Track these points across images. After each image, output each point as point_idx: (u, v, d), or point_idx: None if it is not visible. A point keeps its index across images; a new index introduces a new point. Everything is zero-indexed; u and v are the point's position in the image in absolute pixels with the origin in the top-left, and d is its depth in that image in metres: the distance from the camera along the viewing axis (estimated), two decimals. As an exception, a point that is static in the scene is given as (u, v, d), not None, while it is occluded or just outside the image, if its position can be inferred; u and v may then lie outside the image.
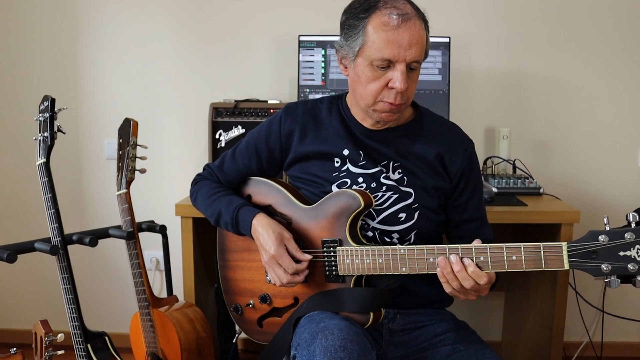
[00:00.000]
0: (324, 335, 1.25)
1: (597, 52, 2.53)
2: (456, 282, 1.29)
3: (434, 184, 1.51)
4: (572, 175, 2.60)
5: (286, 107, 1.62)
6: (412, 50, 1.37)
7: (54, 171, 2.63)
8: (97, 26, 2.59)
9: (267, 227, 1.46)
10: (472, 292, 1.31)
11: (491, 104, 2.59)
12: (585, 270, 1.17)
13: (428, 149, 1.52)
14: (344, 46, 1.46)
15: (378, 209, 1.49)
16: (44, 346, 1.53)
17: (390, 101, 1.41)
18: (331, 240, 1.45)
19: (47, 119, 1.72)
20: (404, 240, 1.50)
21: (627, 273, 1.14)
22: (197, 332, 1.80)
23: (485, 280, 1.27)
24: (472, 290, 1.30)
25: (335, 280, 1.46)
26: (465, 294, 1.32)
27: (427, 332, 1.52)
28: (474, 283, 1.27)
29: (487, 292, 1.33)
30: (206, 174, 1.72)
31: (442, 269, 1.30)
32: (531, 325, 2.29)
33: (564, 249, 1.19)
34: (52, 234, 1.71)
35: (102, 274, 2.74)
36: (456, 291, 1.32)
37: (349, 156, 1.52)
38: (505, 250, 1.24)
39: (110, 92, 2.64)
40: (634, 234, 1.13)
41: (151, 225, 2.01)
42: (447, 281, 1.31)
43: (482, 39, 2.55)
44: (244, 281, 1.64)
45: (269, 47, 2.56)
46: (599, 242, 1.15)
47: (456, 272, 1.28)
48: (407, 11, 1.38)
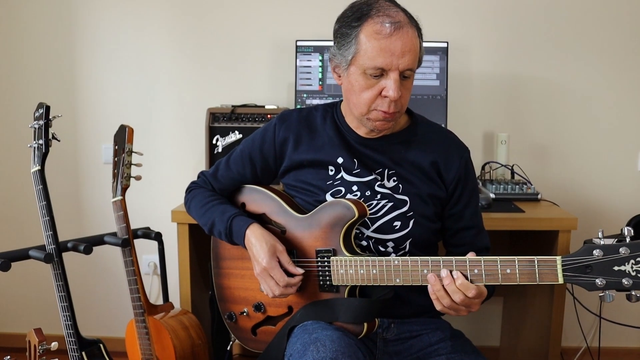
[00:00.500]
0: (316, 347, 1.24)
1: (596, 57, 2.52)
2: (447, 298, 1.28)
3: (429, 192, 1.51)
4: (570, 180, 2.59)
5: (280, 114, 1.62)
6: (405, 58, 1.36)
7: (51, 176, 2.63)
8: (94, 31, 2.59)
9: (261, 239, 1.45)
10: (462, 307, 1.30)
11: (490, 109, 2.58)
12: (580, 285, 1.16)
13: (423, 157, 1.52)
14: (337, 55, 1.45)
15: (373, 218, 1.49)
16: (37, 354, 1.53)
17: (384, 110, 1.40)
18: (325, 250, 1.44)
19: (42, 126, 1.71)
20: (399, 248, 1.49)
21: (622, 288, 1.13)
22: (192, 340, 1.79)
23: (473, 292, 1.25)
24: (462, 304, 1.28)
25: (329, 290, 1.45)
26: (456, 310, 1.31)
27: (421, 341, 1.52)
28: (463, 296, 1.26)
29: (477, 307, 1.31)
30: (200, 181, 1.71)
31: (432, 285, 1.29)
32: (529, 331, 2.29)
33: (558, 263, 1.18)
34: (47, 242, 1.70)
35: (99, 278, 2.74)
36: (447, 308, 1.31)
37: (343, 164, 1.52)
38: (500, 263, 1.23)
39: (108, 97, 2.64)
40: (629, 249, 1.12)
41: (147, 232, 2.01)
42: (438, 298, 1.30)
43: (481, 44, 2.54)
44: (238, 289, 1.63)
45: (267, 52, 2.55)
46: (594, 256, 1.14)
47: (445, 285, 1.27)
48: (399, 19, 1.37)
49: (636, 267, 1.12)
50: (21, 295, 2.81)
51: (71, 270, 2.61)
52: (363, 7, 1.41)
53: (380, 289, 1.43)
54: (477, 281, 1.26)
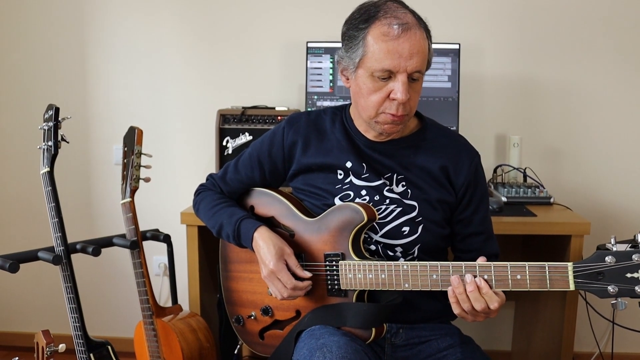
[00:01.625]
0: (322, 353, 1.23)
1: (611, 58, 2.49)
2: (467, 303, 1.26)
3: (439, 197, 1.49)
4: (584, 184, 2.55)
5: (289, 118, 1.61)
6: (413, 60, 1.34)
7: (63, 177, 2.65)
8: (106, 33, 2.60)
9: (268, 241, 1.45)
10: (481, 314, 1.29)
11: (503, 112, 2.55)
12: (591, 292, 1.14)
13: (432, 161, 1.50)
14: (345, 57, 1.44)
15: (381, 222, 1.47)
16: (45, 356, 1.53)
17: (392, 112, 1.39)
18: (334, 254, 1.43)
19: (51, 128, 1.71)
20: (408, 254, 1.48)
21: (635, 295, 1.11)
22: (200, 343, 1.79)
23: (496, 305, 1.25)
24: (482, 312, 1.27)
25: (337, 295, 1.44)
26: (474, 315, 1.30)
27: (430, 347, 1.50)
28: (485, 305, 1.25)
29: (496, 314, 1.31)
30: (209, 184, 1.71)
31: (455, 288, 1.27)
32: (541, 335, 2.26)
33: (569, 270, 1.16)
34: (56, 243, 1.71)
35: (109, 280, 2.75)
36: (465, 312, 1.29)
37: (352, 168, 1.50)
38: (510, 269, 1.22)
39: (119, 98, 2.64)
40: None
41: (155, 234, 2.01)
42: (458, 302, 1.28)
43: (494, 46, 2.51)
44: (246, 292, 1.62)
45: (278, 54, 2.54)
46: (606, 263, 1.12)
47: (469, 291, 1.26)
48: (407, 21, 1.35)
49: (649, 274, 1.10)
50: (30, 296, 2.83)
51: (81, 272, 2.62)
52: (371, 9, 1.40)
53: (389, 293, 1.41)
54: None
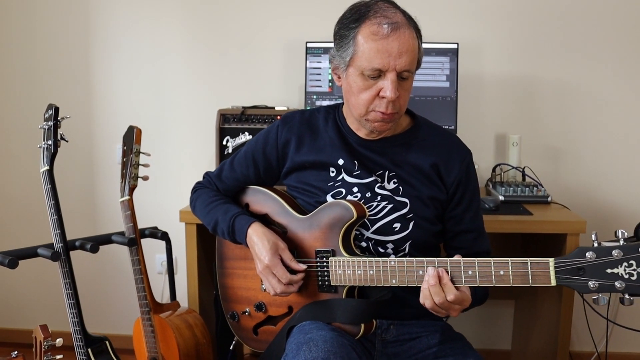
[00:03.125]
0: (308, 347, 1.25)
1: (610, 58, 2.48)
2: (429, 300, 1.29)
3: (430, 194, 1.50)
4: (584, 183, 2.55)
5: (283, 116, 1.63)
6: (402, 59, 1.36)
7: (67, 175, 2.69)
8: (109, 33, 2.64)
9: (262, 237, 1.47)
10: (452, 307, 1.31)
11: (503, 111, 2.56)
12: (572, 287, 1.15)
13: (423, 159, 1.51)
14: (336, 56, 1.46)
15: (372, 219, 1.49)
16: (42, 350, 1.56)
17: (382, 110, 1.41)
18: (324, 251, 1.45)
19: (51, 127, 1.75)
20: (399, 250, 1.49)
21: (614, 291, 1.12)
22: (197, 339, 1.82)
23: (452, 297, 1.26)
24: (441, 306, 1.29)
25: (327, 291, 1.46)
26: (446, 309, 1.31)
27: (420, 343, 1.51)
28: (444, 298, 1.27)
29: (456, 313, 1.32)
30: (205, 182, 1.73)
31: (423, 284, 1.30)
32: (538, 334, 2.26)
33: (550, 265, 1.17)
34: (55, 240, 1.74)
35: (109, 277, 2.79)
36: (437, 307, 1.31)
37: (343, 166, 1.52)
38: (493, 264, 1.23)
39: (122, 98, 2.68)
40: (622, 251, 1.11)
41: (154, 231, 2.04)
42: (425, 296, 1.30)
43: (493, 45, 2.52)
44: (240, 289, 1.65)
45: (278, 54, 2.57)
46: (586, 258, 1.13)
47: (430, 285, 1.28)
48: (396, 20, 1.37)
49: (629, 269, 1.10)
50: (31, 293, 2.87)
51: (83, 270, 2.67)
52: (362, 8, 1.42)
53: (379, 290, 1.43)
54: (471, 282, 1.26)
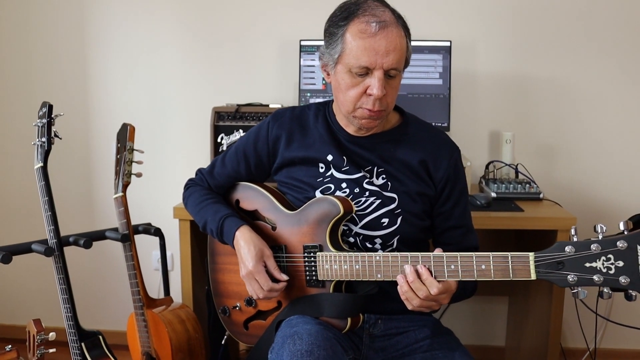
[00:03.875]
0: (293, 340, 1.27)
1: (605, 55, 2.49)
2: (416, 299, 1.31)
3: (418, 190, 1.52)
4: (577, 180, 2.56)
5: (274, 113, 1.65)
6: (390, 57, 1.38)
7: (64, 172, 2.72)
8: (106, 32, 2.65)
9: (249, 242, 1.49)
10: (432, 303, 1.33)
11: (497, 108, 2.57)
12: (552, 281, 1.16)
13: (412, 155, 1.53)
14: (325, 53, 1.48)
15: (361, 214, 1.51)
16: (36, 344, 1.59)
17: (369, 108, 1.42)
18: (312, 246, 1.47)
19: (45, 124, 1.77)
20: (387, 245, 1.51)
21: (593, 284, 1.13)
22: (189, 333, 1.84)
23: (435, 291, 1.28)
24: (426, 299, 1.31)
25: (315, 285, 1.48)
26: (427, 307, 1.34)
27: (407, 338, 1.53)
28: (427, 292, 1.29)
29: (447, 300, 1.34)
30: (197, 179, 1.75)
31: (401, 287, 1.32)
32: (531, 331, 2.28)
33: (531, 259, 1.18)
34: (49, 236, 1.76)
35: (105, 272, 2.81)
36: (418, 307, 1.33)
37: (332, 162, 1.54)
38: (475, 259, 1.24)
39: (118, 96, 2.70)
40: (600, 246, 1.12)
41: (147, 227, 2.06)
42: (407, 299, 1.32)
43: (487, 43, 2.53)
44: (231, 284, 1.67)
45: (273, 52, 2.58)
46: (566, 253, 1.15)
47: (410, 282, 1.30)
48: (385, 18, 1.38)
49: (607, 263, 1.12)
50: (26, 288, 2.90)
51: (79, 265, 2.71)
52: (351, 6, 1.44)
53: (366, 284, 1.45)
54: (453, 277, 1.28)
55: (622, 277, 1.11)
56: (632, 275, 1.10)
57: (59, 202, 2.69)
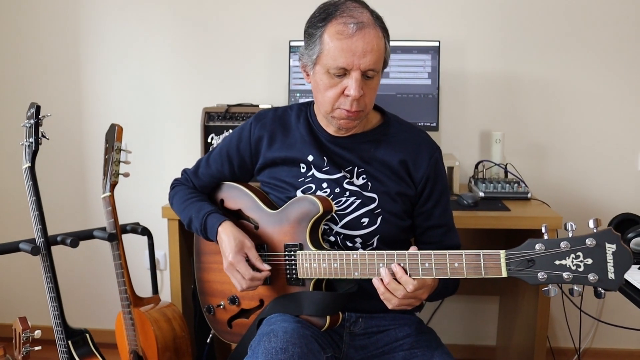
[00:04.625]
0: (268, 338, 1.29)
1: (594, 54, 2.50)
2: (394, 299, 1.32)
3: (398, 190, 1.53)
4: (567, 180, 2.57)
5: (257, 114, 1.66)
6: (367, 58, 1.39)
7: (59, 172, 2.74)
8: (99, 34, 2.68)
9: (230, 235, 1.50)
10: (411, 300, 1.34)
11: (486, 108, 2.57)
12: (523, 279, 1.17)
13: (392, 155, 1.54)
14: (304, 54, 1.49)
15: (341, 214, 1.52)
16: (21, 342, 1.61)
17: (347, 108, 1.43)
18: (292, 245, 1.49)
19: (32, 125, 1.79)
20: (367, 245, 1.52)
21: (562, 282, 1.14)
22: (175, 332, 1.85)
23: (411, 287, 1.29)
24: (405, 298, 1.31)
25: (295, 284, 1.49)
26: (407, 304, 1.35)
27: (387, 336, 1.54)
28: (405, 291, 1.30)
29: (425, 295, 1.36)
30: (182, 179, 1.77)
31: (377, 288, 1.34)
32: (519, 330, 2.28)
33: (502, 257, 1.19)
34: (37, 235, 1.78)
35: (95, 271, 2.84)
36: (398, 306, 1.34)
37: (313, 162, 1.55)
38: (448, 257, 1.25)
39: (110, 96, 2.72)
40: (570, 243, 1.13)
41: (135, 227, 2.08)
42: (386, 299, 1.34)
43: (477, 42, 2.53)
44: (215, 282, 1.68)
45: (263, 53, 2.60)
46: (536, 250, 1.16)
47: (386, 284, 1.31)
48: (362, 20, 1.39)
49: (576, 261, 1.13)
50: (15, 287, 2.92)
51: (71, 264, 2.74)
52: (330, 8, 1.45)
53: (346, 283, 1.46)
54: (427, 275, 1.29)
55: (591, 275, 1.11)
56: (600, 273, 1.11)
57: (53, 201, 2.75)
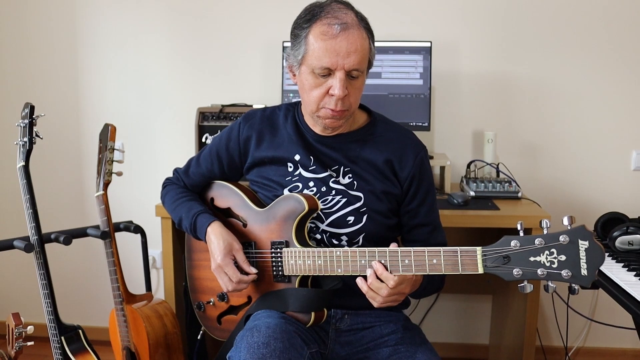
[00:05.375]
0: (251, 333, 1.32)
1: (586, 54, 2.51)
2: (378, 297, 1.35)
3: (383, 189, 1.55)
4: (559, 179, 2.58)
5: (246, 114, 1.69)
6: (351, 58, 1.41)
7: (57, 170, 2.78)
8: (95, 34, 2.71)
9: (219, 237, 1.53)
10: (394, 297, 1.36)
11: (480, 108, 2.59)
12: (498, 275, 1.19)
13: (378, 155, 1.56)
14: (291, 55, 1.51)
15: (327, 212, 1.54)
16: (14, 337, 1.64)
17: (331, 107, 1.46)
18: (279, 242, 1.51)
19: (27, 125, 1.82)
20: (353, 242, 1.55)
21: (537, 278, 1.16)
22: (166, 328, 1.88)
23: (392, 283, 1.31)
24: (388, 295, 1.34)
25: (281, 280, 1.52)
26: (393, 301, 1.37)
27: (373, 332, 1.57)
28: (387, 289, 1.32)
29: (408, 289, 1.38)
30: (174, 178, 1.80)
31: (361, 287, 1.36)
32: (510, 329, 2.30)
33: (478, 254, 1.21)
34: (31, 233, 1.81)
35: (91, 269, 2.87)
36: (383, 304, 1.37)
37: (300, 161, 1.58)
38: (427, 254, 1.28)
39: (107, 96, 2.75)
40: (544, 240, 1.15)
41: (127, 225, 2.10)
42: (372, 298, 1.37)
43: (469, 42, 2.55)
44: (206, 280, 1.71)
45: (257, 53, 2.63)
46: (511, 247, 1.18)
47: (369, 284, 1.34)
48: (346, 20, 1.42)
49: (550, 257, 1.15)
50: (9, 285, 2.95)
51: (66, 262, 2.77)
52: (315, 9, 1.47)
53: (331, 279, 1.49)
54: (407, 271, 1.31)
55: (564, 271, 1.13)
56: (573, 269, 1.13)
57: (52, 199, 2.78)
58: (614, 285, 1.52)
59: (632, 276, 1.54)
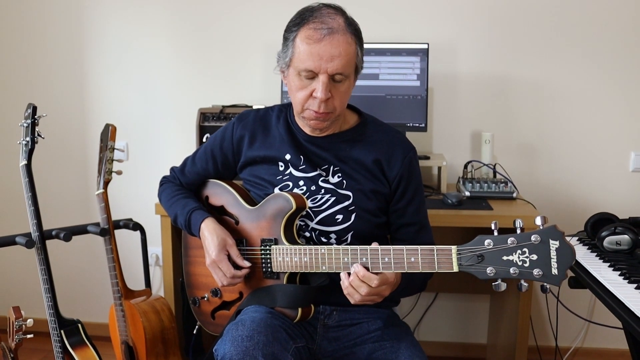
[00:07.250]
0: (236, 327, 1.36)
1: (584, 55, 2.52)
2: (356, 294, 1.38)
3: (372, 188, 1.59)
4: (555, 180, 2.59)
5: (240, 114, 1.74)
6: (334, 62, 1.45)
7: (63, 168, 2.85)
8: (101, 36, 2.77)
9: (213, 232, 1.58)
10: (373, 297, 1.39)
11: (477, 109, 2.61)
12: (473, 274, 1.22)
13: (367, 155, 1.60)
14: (281, 57, 1.57)
15: (316, 210, 1.58)
16: (14, 330, 1.70)
17: (315, 109, 1.50)
18: (268, 240, 1.55)
19: (29, 125, 1.88)
20: (341, 240, 1.58)
21: (510, 277, 1.19)
22: (163, 323, 1.93)
23: (376, 282, 1.34)
24: (370, 294, 1.37)
25: (270, 277, 1.56)
26: (370, 300, 1.40)
27: (360, 328, 1.60)
28: (368, 288, 1.35)
29: (388, 291, 1.40)
30: (170, 176, 1.86)
31: (342, 283, 1.40)
32: (505, 328, 2.32)
33: (453, 252, 1.24)
34: (32, 229, 1.87)
35: (92, 265, 2.93)
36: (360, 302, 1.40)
37: (290, 160, 1.62)
38: (405, 252, 1.31)
39: (110, 97, 2.81)
40: (516, 240, 1.18)
41: (127, 222, 2.16)
42: (349, 294, 1.40)
43: (466, 43, 2.57)
44: (200, 275, 1.76)
45: (257, 54, 2.67)
46: (485, 246, 1.21)
47: (350, 281, 1.37)
48: (332, 26, 1.46)
49: (522, 257, 1.18)
50: (12, 280, 3.02)
51: (66, 259, 2.84)
52: (305, 13, 1.52)
53: (319, 276, 1.52)
54: (387, 269, 1.34)
55: (536, 270, 1.16)
56: (544, 268, 1.16)
57: (56, 197, 2.85)
58: (599, 285, 1.53)
59: (617, 275, 1.55)
